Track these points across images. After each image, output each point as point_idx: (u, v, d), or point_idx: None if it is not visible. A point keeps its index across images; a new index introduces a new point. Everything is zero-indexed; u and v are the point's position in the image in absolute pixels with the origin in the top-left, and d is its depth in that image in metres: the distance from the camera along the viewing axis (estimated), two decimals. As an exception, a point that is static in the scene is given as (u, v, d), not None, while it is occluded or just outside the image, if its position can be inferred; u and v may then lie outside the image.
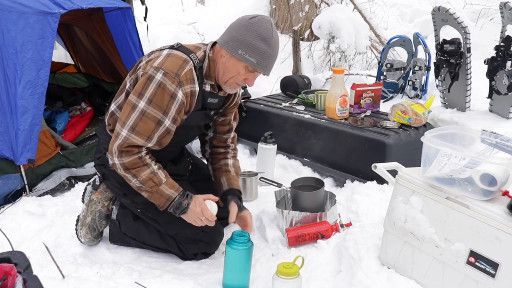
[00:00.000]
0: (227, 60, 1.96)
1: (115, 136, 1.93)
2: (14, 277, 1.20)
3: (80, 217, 2.26)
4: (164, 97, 1.89)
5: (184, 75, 1.92)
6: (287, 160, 3.13)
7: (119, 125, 1.94)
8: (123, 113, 1.94)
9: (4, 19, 2.61)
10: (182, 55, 1.96)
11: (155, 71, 1.90)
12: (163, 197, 1.98)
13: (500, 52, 2.88)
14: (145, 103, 1.89)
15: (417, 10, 6.69)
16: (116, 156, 1.93)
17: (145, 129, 1.91)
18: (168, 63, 1.92)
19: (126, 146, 1.91)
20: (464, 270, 1.52)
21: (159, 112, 1.91)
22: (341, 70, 2.98)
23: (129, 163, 1.92)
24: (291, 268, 1.73)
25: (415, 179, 1.68)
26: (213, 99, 2.11)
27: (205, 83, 2.04)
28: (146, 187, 1.96)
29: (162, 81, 1.89)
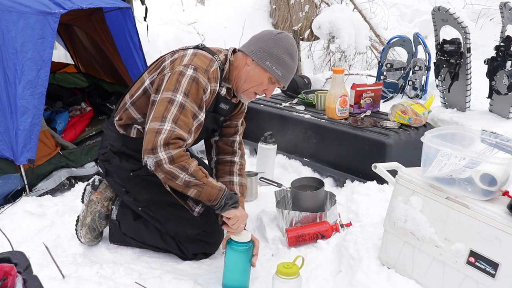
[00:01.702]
0: (252, 69, 2.00)
1: (154, 133, 1.83)
2: (14, 277, 1.20)
3: (80, 218, 2.26)
4: (199, 91, 1.90)
5: (212, 73, 1.95)
6: (287, 160, 3.13)
7: (157, 121, 1.85)
8: (158, 110, 1.87)
9: (4, 19, 2.61)
10: (208, 55, 2.00)
11: (186, 68, 1.91)
12: (214, 188, 1.91)
13: (500, 52, 2.88)
14: (182, 96, 1.87)
15: (417, 10, 6.69)
16: (162, 150, 1.81)
17: (186, 122, 1.87)
18: (197, 60, 1.94)
19: (173, 138, 1.82)
20: (464, 270, 1.52)
21: (195, 106, 1.90)
22: (341, 70, 2.98)
23: (177, 155, 1.83)
24: (291, 268, 1.73)
25: (415, 179, 1.68)
26: (224, 104, 2.12)
27: (222, 86, 2.05)
28: (196, 179, 1.86)
29: (195, 75, 1.90)
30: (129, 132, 2.11)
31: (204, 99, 1.93)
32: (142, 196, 2.15)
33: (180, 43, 5.83)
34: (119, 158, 2.13)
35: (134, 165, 2.11)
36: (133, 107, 2.08)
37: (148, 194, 2.14)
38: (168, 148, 1.82)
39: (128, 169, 2.12)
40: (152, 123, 1.86)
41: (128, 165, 2.12)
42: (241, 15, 6.59)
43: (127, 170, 2.12)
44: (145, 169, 2.09)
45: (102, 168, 2.23)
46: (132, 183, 2.14)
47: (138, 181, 2.13)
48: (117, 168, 2.14)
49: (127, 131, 2.11)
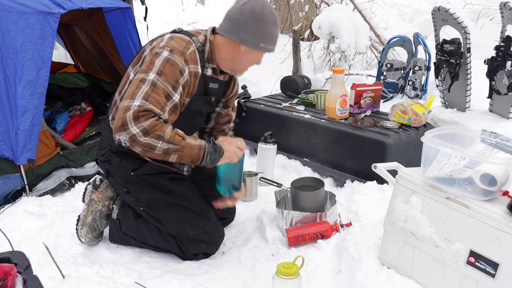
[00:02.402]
0: (247, 54, 2.03)
1: (124, 109, 1.80)
2: (14, 277, 1.20)
3: (81, 217, 2.26)
4: (174, 71, 1.89)
5: (189, 54, 1.95)
6: (287, 160, 3.13)
7: (127, 99, 1.82)
8: (130, 89, 1.85)
9: (4, 19, 2.61)
10: (185, 37, 2.00)
11: (162, 49, 1.91)
12: (194, 148, 1.89)
13: (500, 52, 2.88)
14: (155, 75, 1.86)
15: (417, 10, 6.69)
16: (134, 125, 1.78)
17: (157, 100, 1.84)
18: (173, 42, 1.94)
19: (142, 110, 1.79)
20: (464, 270, 1.52)
21: (169, 85, 1.88)
22: (341, 70, 2.98)
23: (149, 126, 1.79)
24: (291, 268, 1.73)
25: (415, 179, 1.68)
26: (214, 84, 2.12)
27: (207, 67, 2.05)
28: (174, 144, 1.84)
29: (170, 57, 1.89)
30: None
31: (181, 81, 1.91)
32: (143, 196, 2.15)
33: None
34: (119, 158, 2.13)
35: (135, 164, 2.11)
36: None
37: (149, 194, 2.14)
38: (138, 121, 1.79)
39: (129, 168, 2.12)
40: (123, 102, 1.85)
41: (128, 164, 2.12)
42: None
43: (128, 169, 2.12)
44: (146, 168, 2.10)
45: (103, 169, 2.23)
46: (133, 183, 2.14)
47: (140, 181, 2.13)
48: (118, 168, 2.14)
49: None
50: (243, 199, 2.74)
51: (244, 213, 2.56)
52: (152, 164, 2.10)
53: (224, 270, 2.08)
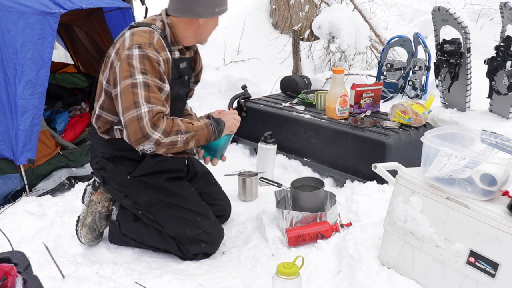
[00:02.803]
0: (206, 23, 2.05)
1: (136, 120, 1.82)
2: (14, 277, 1.20)
3: (80, 218, 2.26)
4: (153, 65, 1.89)
5: (157, 43, 1.95)
6: (287, 160, 3.12)
7: (132, 109, 1.83)
8: (126, 99, 1.84)
9: (4, 19, 2.61)
10: (145, 28, 1.98)
11: (130, 50, 1.89)
12: (204, 128, 1.99)
13: (500, 52, 2.88)
14: (142, 76, 1.86)
15: (417, 10, 6.68)
16: (154, 131, 1.82)
17: (157, 98, 1.87)
18: (137, 38, 1.92)
19: (155, 115, 1.83)
20: (464, 270, 1.52)
21: (157, 79, 1.89)
22: (341, 70, 2.98)
23: (167, 126, 1.85)
24: (291, 268, 1.73)
25: (415, 179, 1.68)
26: (183, 63, 2.14)
27: (173, 51, 2.05)
28: (190, 133, 1.93)
29: (143, 52, 1.88)
30: (113, 135, 2.10)
31: (161, 71, 1.92)
32: (141, 199, 2.15)
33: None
34: (113, 163, 2.13)
35: (130, 167, 2.11)
36: (104, 111, 2.07)
37: (147, 196, 2.14)
38: (156, 126, 1.83)
39: (124, 172, 2.12)
40: (128, 114, 1.84)
41: (123, 168, 2.12)
42: (241, 15, 6.59)
43: (123, 173, 2.12)
44: (141, 168, 2.11)
45: (99, 177, 2.23)
46: (130, 186, 2.14)
47: (136, 184, 2.13)
48: (114, 174, 2.14)
49: (110, 135, 2.10)
50: (243, 199, 2.74)
51: (244, 213, 2.56)
52: (147, 163, 2.11)
53: (224, 270, 2.07)
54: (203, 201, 2.26)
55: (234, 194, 2.79)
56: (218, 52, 5.81)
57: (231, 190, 2.80)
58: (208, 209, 2.24)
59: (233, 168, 2.98)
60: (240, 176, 2.75)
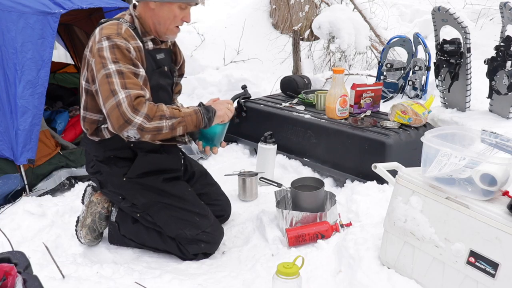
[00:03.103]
0: (159, 9, 2.01)
1: (115, 108, 1.81)
2: (14, 277, 1.21)
3: (80, 218, 2.26)
4: (123, 52, 1.89)
5: (124, 33, 1.95)
6: (287, 160, 3.13)
7: (110, 99, 1.82)
8: (103, 90, 1.85)
9: (4, 19, 2.61)
10: (113, 21, 2.00)
11: (100, 43, 1.90)
12: (192, 114, 1.95)
13: (500, 52, 2.88)
14: (114, 65, 1.86)
15: (417, 10, 6.68)
16: (135, 115, 1.81)
17: (134, 82, 1.86)
18: (105, 31, 1.94)
19: (134, 99, 1.81)
20: (464, 270, 1.52)
21: (130, 65, 1.89)
22: (341, 70, 2.98)
23: (149, 111, 1.83)
24: (291, 268, 1.73)
25: (415, 179, 1.68)
26: (160, 54, 2.13)
27: (146, 41, 2.05)
28: (177, 118, 1.90)
29: (112, 43, 1.89)
30: (102, 136, 2.10)
31: (132, 57, 1.92)
32: (139, 201, 2.14)
33: (180, 43, 5.81)
34: (108, 165, 2.13)
35: (124, 168, 2.12)
36: (88, 112, 2.08)
37: (144, 198, 2.14)
38: (137, 110, 1.82)
39: (120, 174, 2.12)
40: (107, 103, 1.84)
41: (118, 170, 2.12)
42: (241, 15, 6.59)
43: (119, 175, 2.12)
44: (136, 168, 2.10)
45: (95, 181, 2.23)
46: (127, 188, 2.14)
47: (133, 186, 2.13)
48: (110, 176, 2.14)
49: (99, 135, 2.10)
50: (243, 199, 2.74)
51: (244, 213, 2.56)
52: (140, 161, 2.11)
53: (224, 270, 2.07)
54: (202, 201, 2.26)
55: (234, 194, 2.79)
56: (218, 52, 5.81)
57: (231, 190, 2.80)
58: (206, 209, 2.24)
59: (233, 168, 2.99)
60: (240, 176, 2.75)
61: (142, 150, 2.13)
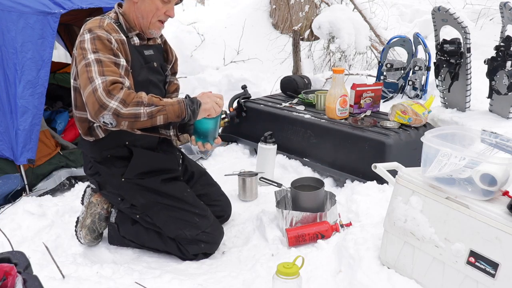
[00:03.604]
0: (141, 3, 2.02)
1: (91, 94, 1.79)
2: (14, 277, 1.20)
3: (80, 219, 2.26)
4: (104, 43, 1.89)
5: (107, 26, 1.96)
6: (287, 160, 3.13)
7: (88, 86, 1.80)
8: (82, 79, 1.84)
9: (4, 19, 2.61)
10: (97, 17, 2.02)
11: (82, 36, 1.92)
12: (174, 104, 1.89)
13: (500, 52, 2.88)
14: (93, 54, 1.86)
15: (417, 10, 6.69)
16: (110, 99, 1.77)
17: (112, 70, 1.84)
18: (88, 26, 1.96)
19: (109, 85, 1.79)
20: (464, 270, 1.52)
21: (110, 55, 1.89)
22: (341, 70, 2.98)
23: (125, 95, 1.80)
24: (291, 268, 1.73)
25: (415, 179, 1.68)
26: (148, 50, 2.13)
27: (131, 37, 2.05)
28: (155, 105, 1.84)
29: (93, 35, 1.90)
30: (96, 135, 2.10)
31: (113, 48, 1.91)
32: (138, 201, 2.14)
33: (180, 43, 5.83)
34: (106, 166, 2.13)
35: (123, 168, 2.12)
36: (77, 110, 2.08)
37: (143, 198, 2.14)
38: (112, 95, 1.78)
39: (118, 174, 2.12)
40: (85, 92, 1.82)
41: (117, 170, 2.12)
42: (241, 15, 6.59)
43: (118, 176, 2.12)
44: (133, 167, 2.10)
45: (94, 183, 2.23)
46: (125, 189, 2.14)
47: (132, 186, 2.13)
48: (108, 177, 2.14)
49: (93, 135, 2.10)
50: (243, 199, 2.74)
51: (244, 213, 2.56)
52: (138, 161, 2.11)
53: (224, 270, 2.07)
54: (201, 202, 2.26)
55: (234, 194, 2.79)
56: (218, 52, 5.82)
57: (231, 190, 2.80)
58: (206, 209, 2.24)
59: (233, 168, 2.99)
60: (240, 176, 2.75)
61: (137, 147, 2.13)
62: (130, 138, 2.11)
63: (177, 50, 6.33)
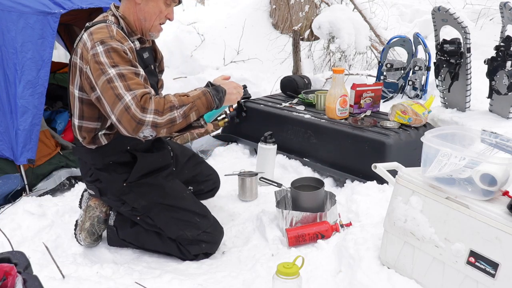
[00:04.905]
0: (145, 5, 1.99)
1: (124, 112, 1.77)
2: (14, 277, 1.20)
3: (79, 222, 2.25)
4: (121, 54, 1.85)
5: (117, 35, 1.91)
6: (287, 160, 3.12)
7: (116, 104, 1.78)
8: (108, 96, 1.81)
9: (4, 19, 2.61)
10: (101, 24, 1.94)
11: (94, 49, 1.84)
12: (201, 97, 1.91)
13: (500, 52, 2.88)
14: (114, 69, 1.81)
15: (417, 10, 6.69)
16: (146, 114, 1.77)
17: (136, 82, 1.81)
18: (96, 36, 1.88)
19: (140, 98, 1.78)
20: (464, 270, 1.52)
21: (130, 66, 1.85)
22: (341, 70, 2.98)
23: (157, 105, 1.79)
24: (291, 268, 1.73)
25: (415, 179, 1.68)
26: (145, 53, 2.12)
27: (133, 41, 2.02)
28: (187, 105, 1.86)
29: (107, 46, 1.84)
30: (99, 143, 2.07)
31: (130, 59, 1.88)
32: (139, 204, 2.14)
33: (180, 43, 5.84)
34: (107, 172, 2.11)
35: (125, 174, 2.11)
36: (84, 121, 2.04)
37: (145, 200, 2.13)
38: (146, 109, 1.77)
39: (120, 180, 2.11)
40: (115, 109, 1.79)
41: (119, 176, 2.11)
42: (241, 15, 6.59)
43: (119, 182, 2.11)
44: (136, 171, 2.10)
45: (94, 189, 2.20)
46: (127, 193, 2.13)
47: (133, 189, 2.13)
48: (110, 183, 2.13)
49: (96, 143, 2.07)
50: (243, 199, 2.74)
51: (244, 213, 2.56)
52: (140, 164, 2.10)
53: (224, 270, 2.07)
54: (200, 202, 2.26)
55: (234, 194, 2.79)
56: (218, 52, 5.82)
57: (231, 190, 2.80)
58: (206, 209, 2.25)
59: (233, 168, 2.98)
60: (240, 176, 2.74)
61: (138, 151, 2.12)
62: (132, 143, 2.09)
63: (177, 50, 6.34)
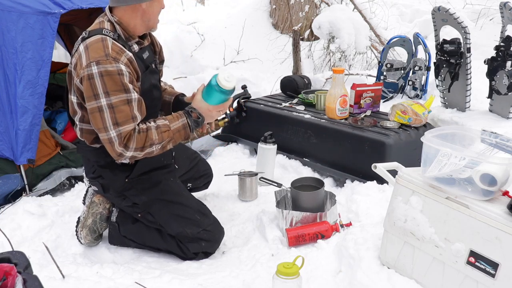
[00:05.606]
0: (149, 7, 2.01)
1: (108, 143, 1.91)
2: (14, 277, 1.21)
3: (81, 219, 2.26)
4: (114, 79, 1.87)
5: (113, 51, 1.90)
6: (287, 160, 3.12)
7: (102, 133, 1.91)
8: (95, 122, 1.91)
9: (4, 19, 2.61)
10: (97, 37, 1.93)
11: (89, 68, 1.86)
12: (180, 130, 2.02)
13: (500, 52, 2.88)
14: (105, 98, 1.87)
15: (417, 10, 6.69)
16: (126, 150, 1.91)
17: (125, 114, 1.89)
18: (91, 53, 1.89)
19: (124, 138, 1.90)
20: (464, 270, 1.52)
21: (122, 94, 1.88)
22: (341, 70, 2.98)
23: (138, 143, 1.92)
24: (291, 268, 1.73)
25: (415, 179, 1.68)
26: (145, 53, 2.12)
27: (131, 45, 2.02)
28: (166, 140, 1.99)
29: (102, 69, 1.86)
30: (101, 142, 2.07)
31: (125, 81, 1.89)
32: (140, 199, 2.15)
33: (180, 43, 5.83)
34: (110, 169, 2.13)
35: (127, 171, 2.13)
36: (84, 123, 2.07)
37: (146, 196, 2.14)
38: (127, 146, 1.91)
39: (122, 176, 2.13)
40: (101, 134, 1.93)
41: (120, 173, 2.13)
42: (241, 15, 6.59)
43: (121, 178, 2.13)
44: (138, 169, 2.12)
45: (97, 185, 2.23)
46: (128, 189, 2.15)
47: (134, 185, 2.15)
48: (112, 180, 2.15)
49: (99, 142, 2.07)
50: (243, 199, 2.75)
51: (244, 213, 2.56)
52: (142, 162, 2.11)
53: (224, 270, 2.07)
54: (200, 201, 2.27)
55: (234, 194, 2.79)
56: (218, 52, 5.81)
57: (231, 190, 2.80)
58: (206, 207, 2.26)
59: (233, 168, 2.98)
60: (240, 176, 2.74)
61: None
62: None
63: (177, 50, 6.33)
